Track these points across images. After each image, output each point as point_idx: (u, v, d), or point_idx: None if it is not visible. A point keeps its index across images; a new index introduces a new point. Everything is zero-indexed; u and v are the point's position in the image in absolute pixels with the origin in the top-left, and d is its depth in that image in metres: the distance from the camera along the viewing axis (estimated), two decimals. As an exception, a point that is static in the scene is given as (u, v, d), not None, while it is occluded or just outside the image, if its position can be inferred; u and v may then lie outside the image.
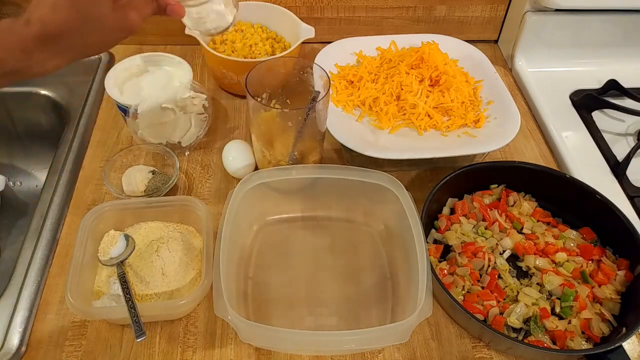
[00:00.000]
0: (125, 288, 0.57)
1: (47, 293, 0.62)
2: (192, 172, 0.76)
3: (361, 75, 0.80)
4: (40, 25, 0.43)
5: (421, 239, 0.57)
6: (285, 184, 0.67)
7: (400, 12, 0.96)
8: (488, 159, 0.79)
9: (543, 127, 0.85)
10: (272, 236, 0.68)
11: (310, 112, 0.62)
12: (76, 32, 0.44)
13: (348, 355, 0.58)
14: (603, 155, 0.80)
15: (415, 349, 0.59)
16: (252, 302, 0.61)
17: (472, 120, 0.76)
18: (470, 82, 0.82)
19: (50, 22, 0.43)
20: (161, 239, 0.63)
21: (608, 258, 0.65)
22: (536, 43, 0.93)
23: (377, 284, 0.64)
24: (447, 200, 0.71)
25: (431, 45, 0.83)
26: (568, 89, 0.91)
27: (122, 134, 0.81)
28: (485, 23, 0.99)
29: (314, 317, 0.61)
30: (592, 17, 0.90)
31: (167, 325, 0.60)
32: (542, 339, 0.58)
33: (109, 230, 0.64)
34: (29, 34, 0.43)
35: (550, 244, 0.65)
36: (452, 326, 0.61)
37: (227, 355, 0.58)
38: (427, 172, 0.78)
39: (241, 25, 0.90)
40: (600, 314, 0.60)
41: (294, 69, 0.68)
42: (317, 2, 0.93)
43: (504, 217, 0.69)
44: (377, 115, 0.76)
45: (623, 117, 0.86)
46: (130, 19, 0.47)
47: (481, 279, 0.63)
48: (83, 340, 0.59)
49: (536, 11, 0.90)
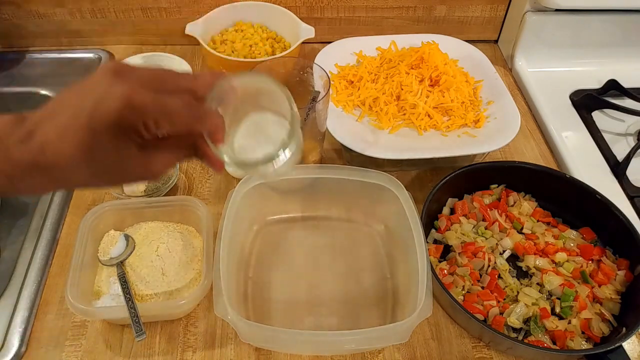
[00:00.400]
0: (125, 288, 0.57)
1: (47, 293, 0.62)
2: (192, 172, 0.76)
3: (361, 75, 0.80)
4: (38, 151, 0.34)
5: (421, 239, 0.57)
6: (285, 184, 0.67)
7: (400, 12, 0.96)
8: (488, 159, 0.79)
9: (543, 127, 0.85)
10: (272, 236, 0.68)
11: (310, 112, 0.62)
12: (82, 169, 0.35)
13: (348, 355, 0.58)
14: (603, 155, 0.80)
15: (415, 349, 0.59)
16: (252, 302, 0.61)
17: (472, 120, 0.76)
18: (470, 82, 0.82)
19: (54, 152, 0.34)
20: (161, 239, 0.63)
21: (608, 258, 0.65)
22: (536, 43, 0.93)
23: (377, 284, 0.64)
24: (447, 200, 0.71)
25: (431, 45, 0.83)
26: (568, 89, 0.91)
27: (122, 134, 0.81)
28: (485, 23, 0.99)
29: (314, 317, 0.61)
30: (592, 17, 0.90)
31: (167, 325, 0.60)
32: (542, 339, 0.58)
33: (109, 230, 0.64)
34: (22, 158, 0.34)
35: (550, 244, 0.65)
36: (452, 326, 0.61)
37: (227, 355, 0.58)
38: (427, 172, 0.78)
39: (241, 25, 0.90)
40: (600, 314, 0.60)
41: (294, 69, 0.68)
42: (317, 2, 0.93)
43: (504, 217, 0.69)
44: (377, 115, 0.76)
45: (623, 117, 0.86)
46: (154, 169, 0.38)
47: (481, 279, 0.63)
48: (83, 340, 0.59)
49: (536, 11, 0.90)
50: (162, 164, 0.39)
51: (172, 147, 0.39)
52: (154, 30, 0.95)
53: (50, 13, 0.91)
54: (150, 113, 0.35)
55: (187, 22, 0.84)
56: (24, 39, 0.95)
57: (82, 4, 0.90)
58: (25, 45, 0.95)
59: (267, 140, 0.41)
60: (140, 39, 0.97)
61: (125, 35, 0.96)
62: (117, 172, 0.37)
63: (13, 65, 0.92)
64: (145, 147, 0.37)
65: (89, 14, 0.92)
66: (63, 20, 0.92)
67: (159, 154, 0.38)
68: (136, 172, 0.38)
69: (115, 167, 0.37)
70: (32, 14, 0.91)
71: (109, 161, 0.36)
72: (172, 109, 0.36)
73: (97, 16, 0.92)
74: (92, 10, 0.91)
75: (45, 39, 0.95)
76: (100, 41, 0.96)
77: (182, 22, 0.85)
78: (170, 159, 0.40)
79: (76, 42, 0.96)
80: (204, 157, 0.41)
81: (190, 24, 0.84)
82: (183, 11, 0.92)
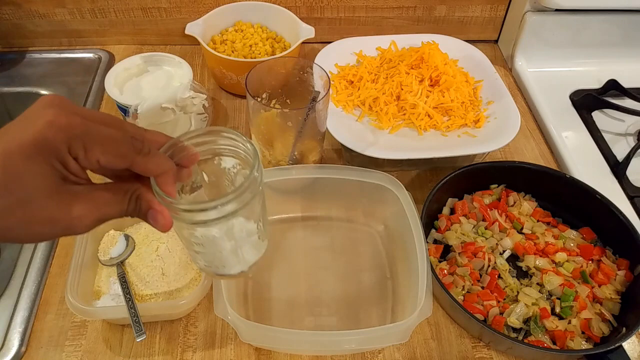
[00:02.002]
0: (125, 288, 0.57)
1: (47, 293, 0.62)
2: (192, 172, 0.76)
3: (361, 75, 0.80)
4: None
5: (421, 239, 0.57)
6: (285, 184, 0.67)
7: (400, 12, 0.96)
8: (488, 159, 0.79)
9: (543, 127, 0.85)
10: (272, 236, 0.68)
11: (310, 112, 0.62)
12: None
13: (348, 355, 0.58)
14: (603, 155, 0.80)
15: (415, 349, 0.59)
16: (252, 302, 0.61)
17: (472, 120, 0.76)
18: (470, 82, 0.82)
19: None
20: (161, 239, 0.63)
21: (608, 258, 0.65)
22: (536, 43, 0.93)
23: (377, 284, 0.64)
24: (447, 200, 0.71)
25: (431, 45, 0.83)
26: (568, 89, 0.91)
27: (122, 134, 0.81)
28: (485, 23, 0.99)
29: (314, 317, 0.61)
30: (592, 17, 0.90)
31: (167, 325, 0.60)
32: (542, 339, 0.58)
33: (109, 230, 0.64)
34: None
35: (550, 244, 0.65)
36: (452, 326, 0.61)
37: (227, 355, 0.58)
38: (427, 172, 0.78)
39: (241, 25, 0.90)
40: (600, 314, 0.60)
41: (294, 69, 0.68)
42: (317, 2, 0.93)
43: (504, 217, 0.69)
44: (377, 115, 0.76)
45: (623, 117, 0.86)
46: (76, 214, 0.31)
47: (481, 279, 0.63)
48: (83, 340, 0.59)
49: (536, 11, 0.90)
50: (88, 210, 0.32)
51: (107, 194, 0.33)
52: (154, 30, 0.95)
53: (50, 13, 0.91)
54: (78, 135, 0.30)
55: (187, 22, 0.84)
56: (24, 39, 0.95)
57: (82, 4, 0.90)
58: (25, 45, 0.95)
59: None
60: (140, 39, 0.97)
61: (125, 35, 0.96)
62: (29, 208, 0.30)
63: (13, 65, 0.92)
64: (71, 185, 0.31)
65: (89, 14, 0.92)
66: (63, 20, 0.92)
67: (88, 197, 0.32)
68: (52, 214, 0.30)
69: (28, 201, 0.29)
70: (32, 14, 0.91)
71: (21, 192, 0.29)
72: (106, 134, 0.31)
73: (97, 16, 0.92)
74: (92, 10, 0.91)
75: (45, 39, 0.95)
76: (100, 41, 0.96)
77: (182, 22, 0.85)
78: (101, 208, 0.32)
79: (76, 42, 0.96)
80: (148, 211, 0.34)
81: (190, 24, 0.84)
82: (183, 11, 0.92)
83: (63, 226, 0.31)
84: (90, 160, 0.31)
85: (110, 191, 0.33)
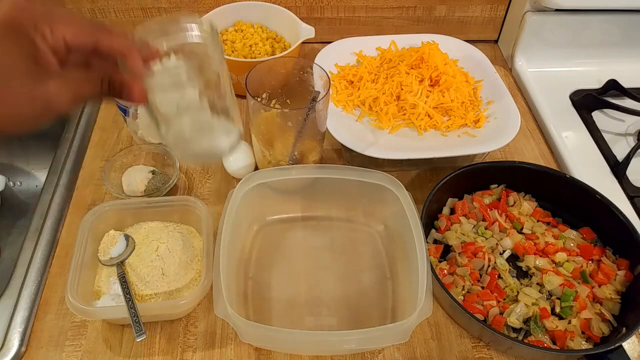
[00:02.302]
0: (125, 288, 0.57)
1: (47, 293, 0.62)
2: (192, 172, 0.76)
3: (361, 75, 0.80)
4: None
5: (421, 239, 0.57)
6: (285, 184, 0.67)
7: (400, 12, 0.96)
8: (488, 159, 0.79)
9: (543, 127, 0.85)
10: (272, 236, 0.68)
11: (310, 112, 0.62)
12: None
13: (348, 355, 0.58)
14: (603, 155, 0.80)
15: (415, 349, 0.59)
16: (252, 302, 0.61)
17: (472, 120, 0.76)
18: (470, 82, 0.82)
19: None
20: (161, 239, 0.63)
21: (608, 258, 0.65)
22: (536, 43, 0.93)
23: (377, 284, 0.64)
24: (447, 200, 0.71)
25: (431, 45, 0.83)
26: (568, 89, 0.91)
27: (122, 134, 0.81)
28: (485, 23, 0.99)
29: (314, 317, 0.61)
30: (592, 17, 0.90)
31: (167, 325, 0.60)
32: (542, 339, 0.58)
33: (109, 230, 0.64)
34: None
35: (550, 244, 0.65)
36: (452, 326, 0.61)
37: (227, 355, 0.58)
38: (427, 172, 0.78)
39: (241, 25, 0.90)
40: (600, 314, 0.60)
41: (294, 69, 0.68)
42: (317, 2, 0.93)
43: (504, 217, 0.69)
44: (377, 115, 0.76)
45: (623, 117, 0.86)
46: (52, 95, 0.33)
47: (481, 279, 0.63)
48: (83, 340, 0.59)
49: (536, 11, 0.90)
50: (65, 87, 0.33)
51: (81, 74, 0.35)
52: (154, 30, 0.95)
53: (50, 13, 0.91)
54: (42, 14, 0.32)
55: (187, 22, 0.84)
56: (24, 39, 0.94)
57: (82, 4, 0.90)
58: (25, 45, 0.95)
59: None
60: (140, 39, 0.97)
61: (125, 35, 0.96)
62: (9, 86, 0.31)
63: (13, 65, 0.92)
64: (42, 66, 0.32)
65: (89, 14, 0.92)
66: (63, 20, 0.92)
67: (63, 76, 0.34)
68: (31, 90, 0.32)
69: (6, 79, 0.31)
70: (32, 14, 0.91)
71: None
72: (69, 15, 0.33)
73: (97, 16, 0.92)
74: (92, 10, 0.91)
75: (45, 39, 0.95)
76: (100, 41, 0.96)
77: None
78: (77, 86, 0.34)
79: (76, 42, 0.96)
80: (122, 87, 0.36)
81: (190, 24, 0.84)
82: (183, 11, 0.92)
83: (42, 103, 0.33)
84: (57, 38, 0.33)
85: (84, 73, 0.35)
